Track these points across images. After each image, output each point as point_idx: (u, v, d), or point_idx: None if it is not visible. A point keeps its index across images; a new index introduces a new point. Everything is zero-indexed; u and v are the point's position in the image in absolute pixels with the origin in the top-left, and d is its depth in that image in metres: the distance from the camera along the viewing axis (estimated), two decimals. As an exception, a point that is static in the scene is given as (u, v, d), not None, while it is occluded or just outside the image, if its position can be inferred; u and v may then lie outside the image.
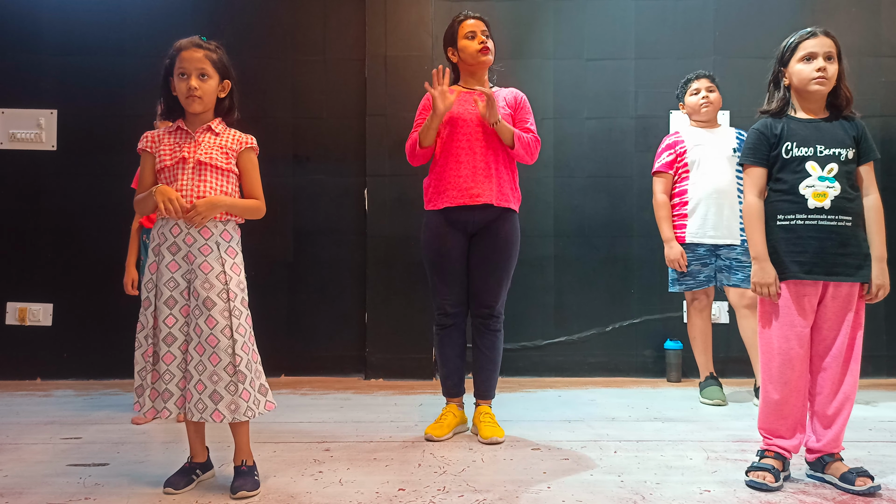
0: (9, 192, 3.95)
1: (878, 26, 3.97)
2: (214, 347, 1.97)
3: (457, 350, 2.72)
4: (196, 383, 1.98)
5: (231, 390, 1.98)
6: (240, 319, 2.01)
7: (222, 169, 2.06)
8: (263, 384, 2.07)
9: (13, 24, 3.98)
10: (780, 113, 2.16)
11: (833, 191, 2.05)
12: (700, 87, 3.34)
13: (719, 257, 3.26)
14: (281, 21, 4.03)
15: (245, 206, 2.10)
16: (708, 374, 3.33)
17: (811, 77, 2.08)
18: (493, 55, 2.71)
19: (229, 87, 2.12)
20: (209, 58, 2.06)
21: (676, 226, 3.34)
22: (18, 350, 3.89)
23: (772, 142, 2.12)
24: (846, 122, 2.13)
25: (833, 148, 2.07)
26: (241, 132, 2.14)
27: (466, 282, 2.69)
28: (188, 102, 2.04)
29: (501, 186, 2.61)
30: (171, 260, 2.02)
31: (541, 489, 2.05)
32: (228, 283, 2.01)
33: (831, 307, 2.07)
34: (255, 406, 2.03)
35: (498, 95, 2.71)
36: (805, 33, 2.12)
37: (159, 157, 2.07)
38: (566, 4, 4.00)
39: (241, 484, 2.01)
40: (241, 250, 2.12)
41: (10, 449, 2.49)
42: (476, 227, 2.64)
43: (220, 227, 2.05)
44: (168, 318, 2.00)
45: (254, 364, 2.05)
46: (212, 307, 1.98)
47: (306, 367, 3.94)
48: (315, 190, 4.01)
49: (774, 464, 2.09)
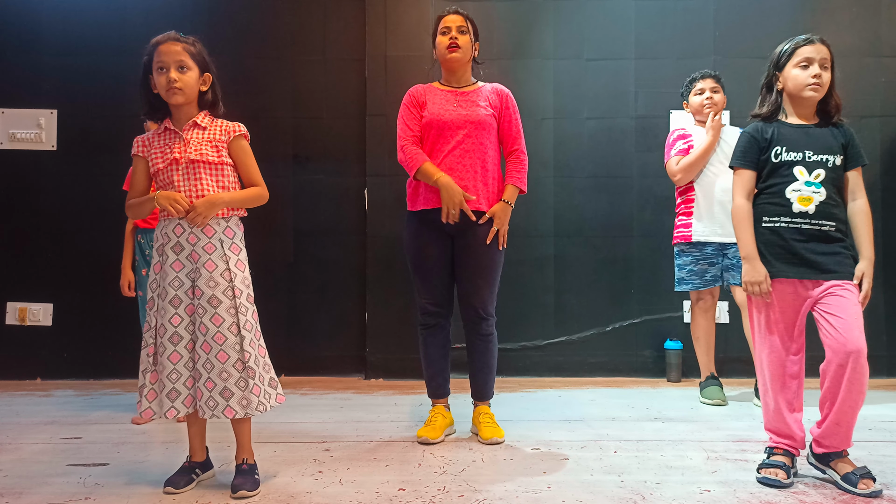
0: (9, 192, 3.95)
1: (878, 26, 3.97)
2: (222, 345, 1.97)
3: (441, 350, 2.68)
4: (206, 381, 1.98)
5: (241, 386, 1.99)
6: (246, 316, 2.02)
7: (214, 163, 2.04)
8: (273, 378, 2.10)
9: (13, 24, 3.98)
10: (771, 117, 2.20)
11: (818, 196, 2.08)
12: (704, 87, 3.34)
13: (726, 256, 3.25)
14: (281, 21, 4.04)
15: (246, 197, 2.09)
16: (709, 374, 3.33)
17: (806, 83, 2.12)
18: (464, 53, 2.63)
19: (210, 81, 2.10)
20: (187, 50, 2.04)
21: (682, 224, 3.34)
22: (18, 350, 3.89)
23: (762, 146, 2.16)
24: (835, 129, 2.17)
25: (821, 154, 2.11)
26: (228, 122, 2.11)
27: (450, 282, 2.66)
28: (169, 95, 2.02)
29: (479, 190, 2.57)
30: (175, 259, 2.02)
31: (541, 489, 2.05)
32: (233, 280, 2.01)
33: (821, 295, 2.06)
34: (267, 400, 2.04)
35: (481, 94, 2.67)
36: (801, 40, 2.15)
37: (152, 160, 2.06)
38: (566, 4, 4.00)
39: (241, 483, 2.01)
40: (244, 247, 2.12)
41: (10, 449, 2.49)
42: (454, 229, 2.58)
43: (223, 223, 2.05)
44: (174, 317, 2.00)
45: (262, 359, 2.06)
46: (217, 305, 1.98)
47: (306, 367, 3.94)
48: (315, 190, 4.01)
49: (784, 460, 2.11)
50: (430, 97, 2.67)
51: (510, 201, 2.61)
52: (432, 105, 2.64)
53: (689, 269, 3.30)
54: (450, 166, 2.57)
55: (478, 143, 2.59)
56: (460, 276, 2.63)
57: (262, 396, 2.03)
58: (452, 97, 2.65)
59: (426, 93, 2.69)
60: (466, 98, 2.65)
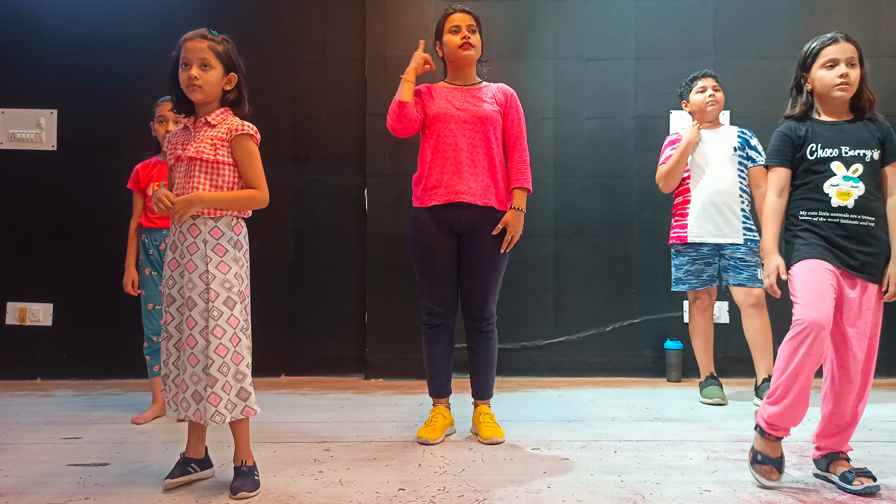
0: (9, 192, 3.95)
1: (878, 26, 3.97)
2: (192, 348, 1.96)
3: (444, 350, 2.68)
4: (180, 382, 2.00)
5: (205, 393, 1.97)
6: (218, 321, 1.95)
7: (210, 161, 2.01)
8: (245, 388, 1.99)
9: (13, 24, 3.98)
10: (803, 117, 2.18)
11: (857, 190, 2.06)
12: (706, 86, 3.32)
13: (723, 257, 3.25)
14: (281, 21, 4.04)
15: (234, 198, 2.02)
16: (708, 374, 3.33)
17: (834, 83, 2.11)
18: (476, 51, 2.65)
19: (235, 80, 2.10)
20: (213, 48, 2.04)
21: (678, 225, 3.35)
22: (18, 350, 3.89)
23: (796, 143, 2.14)
24: (870, 124, 2.14)
25: (858, 149, 2.09)
26: (237, 120, 2.08)
27: (455, 281, 2.65)
28: (189, 91, 2.02)
29: (486, 186, 2.58)
30: (172, 258, 2.04)
31: (541, 489, 2.05)
32: (210, 283, 1.96)
33: (853, 305, 2.05)
34: (228, 411, 1.96)
35: (486, 91, 2.67)
36: (827, 39, 2.14)
37: (168, 157, 2.11)
38: (566, 4, 4.00)
39: (240, 484, 2.00)
40: (245, 248, 2.09)
41: (10, 449, 2.49)
42: (462, 227, 2.59)
43: (210, 223, 2.01)
44: (166, 315, 2.04)
45: (233, 366, 1.97)
46: (192, 307, 1.96)
47: (306, 367, 3.94)
48: (315, 190, 4.01)
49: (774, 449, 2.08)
50: (435, 92, 2.67)
51: (521, 207, 2.61)
52: (438, 100, 2.64)
53: (686, 269, 3.31)
54: (456, 161, 2.56)
55: (484, 139, 2.59)
56: (464, 275, 2.63)
57: (223, 406, 1.95)
58: (458, 93, 2.65)
59: (431, 88, 2.70)
60: (473, 94, 2.65)
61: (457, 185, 2.55)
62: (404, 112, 2.58)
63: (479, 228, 2.58)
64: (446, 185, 2.56)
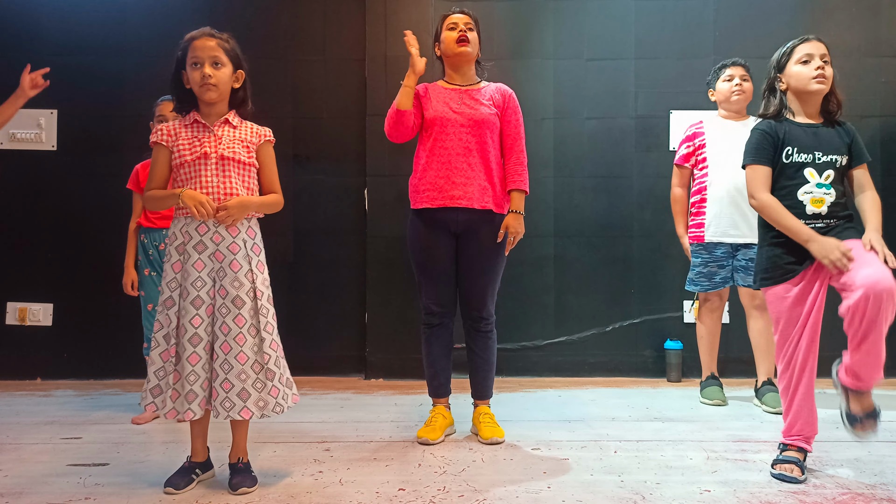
0: (9, 192, 3.95)
1: (878, 26, 3.97)
2: (242, 346, 1.97)
3: (443, 350, 2.68)
4: (223, 382, 1.97)
5: (258, 387, 2.00)
6: (266, 317, 2.04)
7: (245, 163, 2.07)
8: (289, 378, 2.11)
9: (13, 24, 3.98)
10: (777, 116, 2.20)
11: (829, 197, 2.10)
12: (734, 74, 3.25)
13: (736, 258, 3.22)
14: (281, 21, 4.03)
15: (268, 203, 2.14)
16: (709, 374, 3.33)
17: (811, 76, 2.13)
18: (473, 48, 2.65)
19: (243, 78, 2.12)
20: (222, 46, 2.06)
21: (694, 224, 3.31)
22: (18, 350, 3.89)
23: (776, 142, 2.15)
24: (840, 129, 2.18)
25: (830, 155, 2.13)
26: (257, 125, 2.15)
27: (454, 282, 2.66)
28: (203, 91, 2.02)
29: (483, 188, 2.57)
30: (198, 259, 2.00)
31: (541, 489, 2.05)
32: (255, 281, 2.03)
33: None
34: (284, 401, 2.06)
35: (484, 93, 2.67)
36: (798, 40, 2.19)
37: (178, 151, 2.04)
38: (566, 4, 4.00)
39: (240, 480, 2.01)
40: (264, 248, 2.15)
41: (10, 449, 2.49)
42: (460, 228, 2.59)
43: (246, 224, 2.07)
44: (194, 318, 1.98)
45: (281, 360, 2.08)
46: (241, 306, 1.99)
47: (306, 367, 3.93)
48: (315, 190, 4.01)
49: (798, 456, 2.13)
50: (432, 93, 2.67)
51: (519, 210, 2.61)
52: (436, 102, 2.64)
53: (698, 270, 3.28)
54: (453, 165, 2.56)
55: (481, 142, 2.59)
56: (463, 275, 2.64)
57: (280, 398, 2.04)
58: (456, 95, 2.65)
59: (429, 89, 2.69)
60: (470, 96, 2.65)
61: (450, 189, 2.55)
62: (402, 119, 2.59)
63: (477, 229, 2.59)
64: (440, 189, 2.56)
